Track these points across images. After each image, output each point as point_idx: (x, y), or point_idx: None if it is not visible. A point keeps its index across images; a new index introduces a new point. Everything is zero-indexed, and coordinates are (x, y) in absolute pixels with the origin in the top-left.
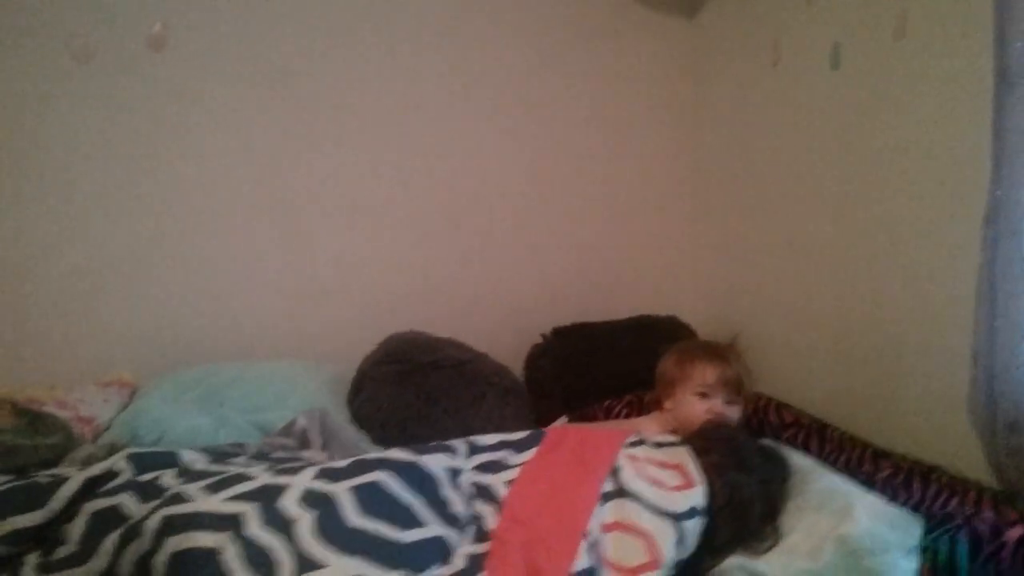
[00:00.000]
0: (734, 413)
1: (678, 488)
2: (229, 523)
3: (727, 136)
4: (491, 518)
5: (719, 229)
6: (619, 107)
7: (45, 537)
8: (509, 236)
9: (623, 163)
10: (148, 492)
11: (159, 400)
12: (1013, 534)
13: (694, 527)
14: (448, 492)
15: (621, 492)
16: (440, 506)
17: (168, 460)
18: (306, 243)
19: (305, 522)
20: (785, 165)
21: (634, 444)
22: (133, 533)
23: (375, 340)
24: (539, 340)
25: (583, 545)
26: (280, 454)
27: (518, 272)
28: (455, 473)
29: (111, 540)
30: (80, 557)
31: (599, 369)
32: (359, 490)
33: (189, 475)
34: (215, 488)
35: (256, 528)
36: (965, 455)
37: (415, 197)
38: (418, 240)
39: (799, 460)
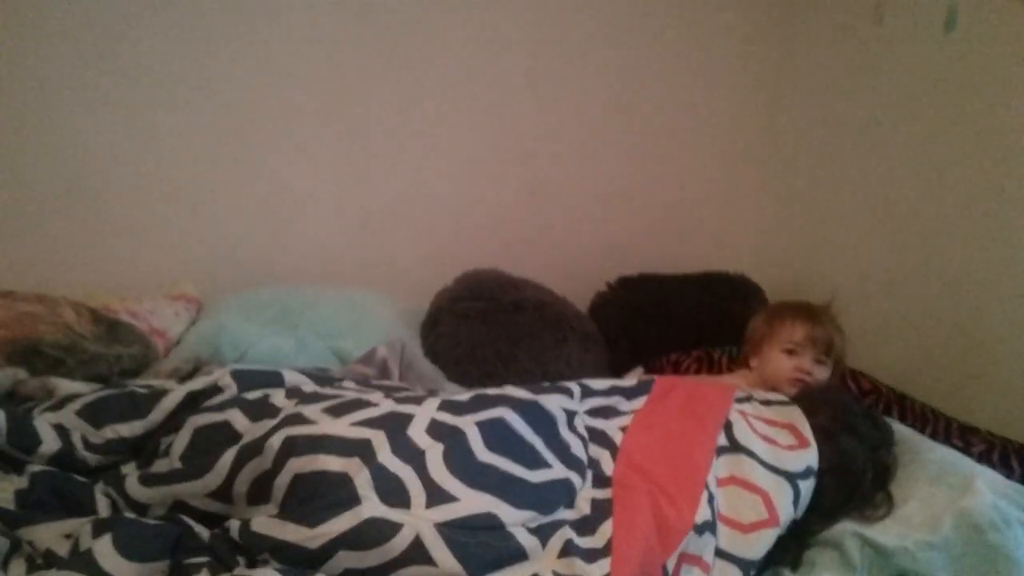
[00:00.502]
0: (822, 373)
1: (791, 447)
2: (358, 448)
3: (814, 94)
4: (607, 463)
5: (796, 189)
6: (699, 56)
7: (142, 448)
8: (578, 182)
9: (700, 113)
10: (260, 410)
11: (238, 318)
12: None
13: (808, 488)
14: (566, 434)
15: (735, 447)
16: (561, 448)
17: (273, 379)
18: (377, 172)
19: (435, 453)
20: (880, 130)
21: (742, 400)
22: (253, 451)
23: (440, 276)
24: (603, 288)
25: (704, 496)
26: (380, 383)
27: (585, 218)
28: (571, 415)
29: (228, 456)
30: (193, 472)
31: (665, 322)
32: (485, 425)
33: (302, 396)
34: (338, 412)
35: (386, 456)
36: None
37: (487, 134)
38: (488, 179)
39: (902, 429)
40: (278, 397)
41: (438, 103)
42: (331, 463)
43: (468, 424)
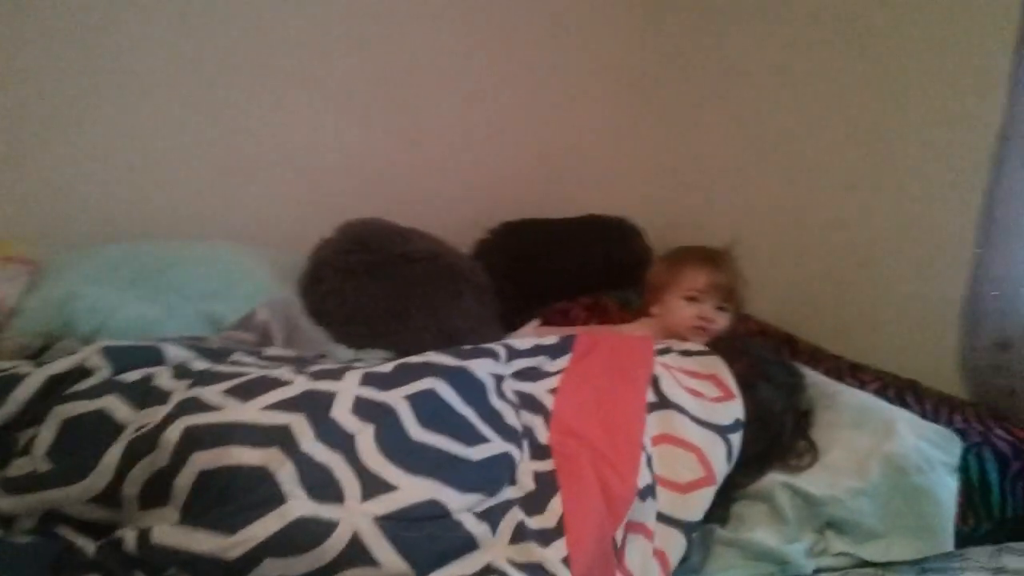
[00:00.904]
0: (723, 320)
1: (718, 400)
2: (277, 436)
3: (693, 34)
4: (541, 430)
5: (676, 131)
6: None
7: None
8: (455, 125)
9: (578, 56)
10: (144, 395)
11: (88, 282)
12: None
13: (738, 441)
14: (496, 401)
15: (664, 403)
16: (494, 418)
17: (152, 356)
18: (240, 117)
19: (366, 436)
20: (761, 71)
21: (663, 352)
22: (144, 445)
23: (315, 228)
24: (485, 235)
25: (642, 459)
26: (282, 354)
27: (464, 162)
28: (499, 380)
29: (113, 453)
30: (70, 474)
31: (550, 268)
32: (416, 400)
33: (195, 376)
34: (244, 393)
35: (310, 443)
36: (935, 372)
37: (360, 75)
38: (361, 121)
39: (812, 374)
40: (163, 378)
41: (306, 39)
42: (245, 456)
43: (397, 399)
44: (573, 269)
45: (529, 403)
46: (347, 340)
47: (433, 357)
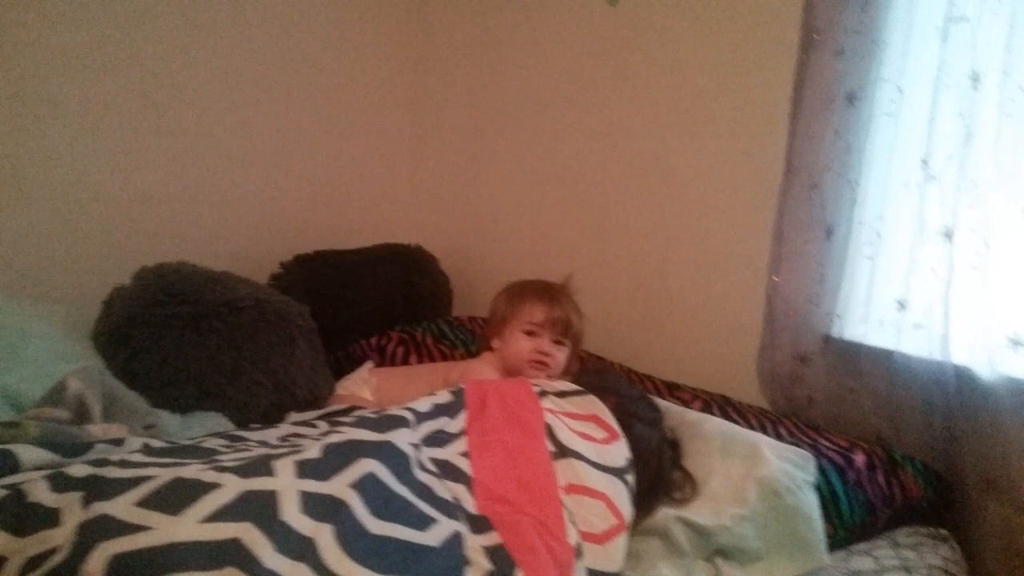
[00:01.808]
0: (560, 354)
1: (606, 441)
2: (228, 554)
3: (468, 64)
4: (468, 500)
5: (460, 161)
6: (351, 32)
7: None
8: (231, 154)
9: (355, 86)
10: (20, 518)
11: None
12: (859, 459)
13: (632, 481)
14: (420, 474)
15: (563, 451)
16: (426, 493)
17: (3, 462)
18: None
19: (326, 538)
20: (542, 101)
21: (541, 395)
22: None
23: (92, 276)
24: (277, 271)
25: (565, 515)
26: (137, 442)
27: (244, 194)
28: (416, 448)
29: None
30: None
31: (352, 302)
32: (361, 487)
33: (81, 485)
34: (167, 504)
35: (270, 556)
36: (739, 386)
37: (125, 100)
38: (128, 149)
39: (667, 405)
40: (38, 491)
41: (70, 67)
42: None
43: (344, 490)
44: (375, 301)
45: (448, 471)
46: (170, 404)
47: (352, 432)
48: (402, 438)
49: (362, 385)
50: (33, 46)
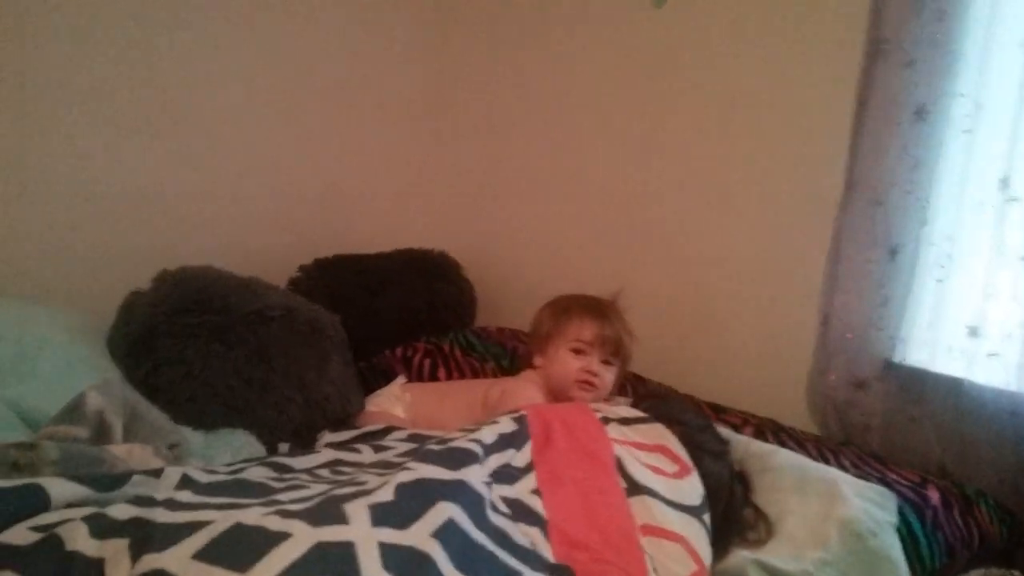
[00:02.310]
0: (609, 375)
1: (677, 475)
2: None
3: (485, 62)
4: (542, 544)
5: (478, 167)
6: (369, 37)
7: None
8: (245, 156)
9: (374, 88)
10: (60, 571)
11: None
12: (934, 496)
13: (709, 521)
14: (495, 517)
15: (635, 487)
16: (504, 540)
17: (32, 499)
18: None
19: None
20: (567, 101)
21: (605, 422)
22: None
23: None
24: (296, 275)
25: (647, 562)
26: (176, 472)
27: (258, 195)
28: (488, 487)
29: None
30: None
31: (375, 310)
32: (443, 538)
33: (127, 531)
34: (230, 557)
35: None
36: (786, 409)
37: (141, 98)
38: (140, 150)
39: (731, 434)
40: (78, 537)
41: (82, 63)
42: None
43: (426, 541)
44: (398, 309)
45: (520, 512)
46: (194, 420)
47: (422, 469)
48: (475, 476)
49: (394, 402)
50: (40, 41)
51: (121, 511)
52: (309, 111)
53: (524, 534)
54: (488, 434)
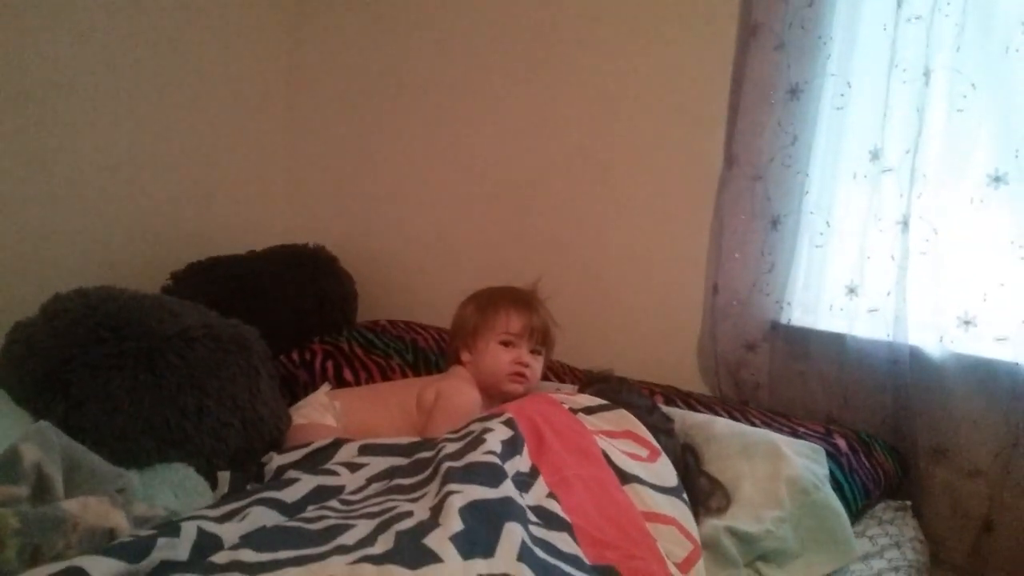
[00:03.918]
0: (538, 364)
1: (650, 459)
2: None
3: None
4: (577, 550)
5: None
6: (215, 23)
7: None
8: (98, 157)
9: (223, 82)
10: None
11: None
12: (842, 444)
13: (687, 499)
14: (535, 529)
15: (624, 476)
16: (555, 551)
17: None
18: None
19: None
20: (439, 80)
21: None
22: None
23: None
24: (167, 283)
25: (661, 551)
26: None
27: (117, 200)
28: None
29: None
30: None
31: (261, 313)
32: (524, 559)
33: None
34: None
35: None
36: (679, 375)
37: None
38: None
39: (670, 409)
40: None
41: None
42: None
43: (515, 566)
44: (286, 311)
45: (546, 518)
46: (125, 459)
47: (471, 491)
48: (513, 490)
49: (323, 412)
50: None
51: None
52: (163, 106)
53: (563, 542)
54: (494, 443)
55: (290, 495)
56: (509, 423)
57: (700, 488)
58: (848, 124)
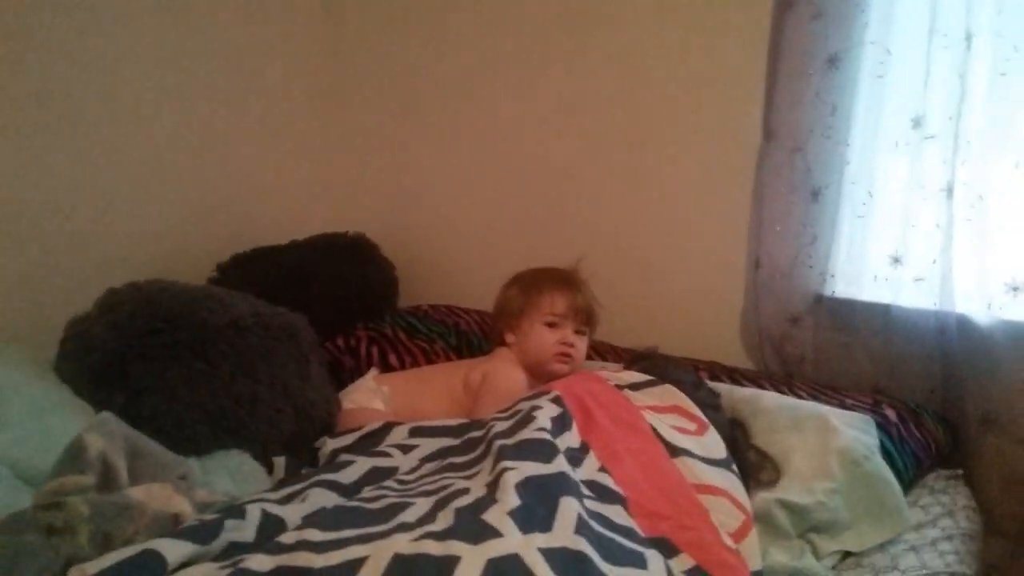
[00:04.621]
0: (583, 344)
1: (698, 432)
2: None
3: (387, 35)
4: (631, 522)
5: (379, 137)
6: (256, 18)
7: None
8: (145, 161)
9: (263, 74)
10: None
11: None
12: (891, 414)
13: (737, 471)
14: (589, 503)
15: (674, 450)
16: (610, 524)
17: (152, 570)
18: None
19: None
20: (476, 63)
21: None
22: None
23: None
24: (213, 274)
25: (715, 521)
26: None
27: (164, 193)
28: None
29: None
30: None
31: (304, 302)
32: (583, 532)
33: None
34: None
35: None
36: (722, 350)
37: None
38: (32, 160)
39: (715, 384)
40: None
41: None
42: None
43: (575, 540)
44: (330, 298)
45: (599, 492)
46: (184, 447)
47: (526, 467)
48: (566, 465)
49: (371, 396)
50: None
51: (259, 562)
52: (204, 101)
53: (617, 514)
54: (544, 419)
55: (346, 476)
56: (557, 400)
57: (749, 461)
58: (888, 92)
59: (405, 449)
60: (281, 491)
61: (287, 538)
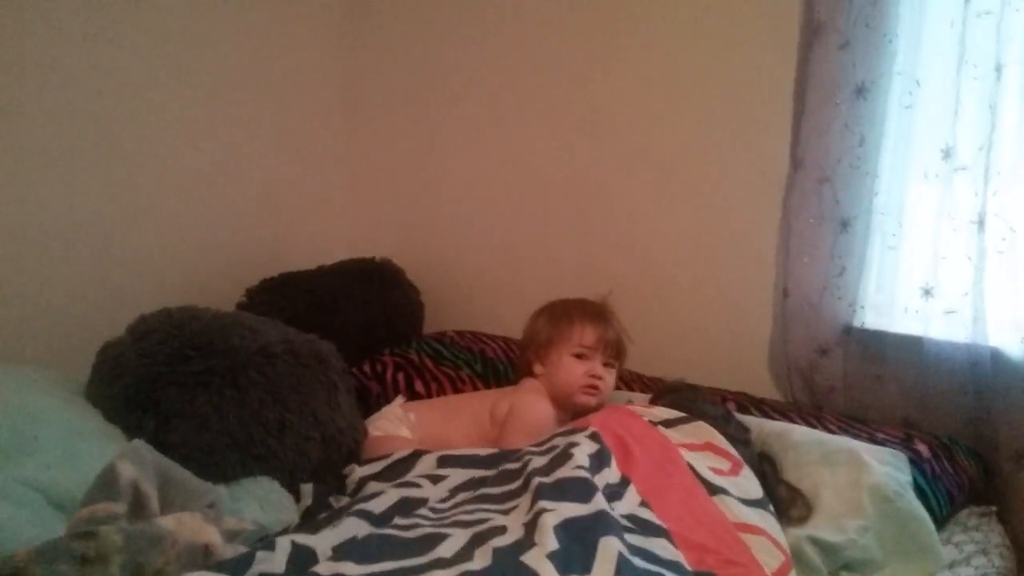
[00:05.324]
0: (611, 377)
1: (733, 472)
2: None
3: (407, 56)
4: (677, 555)
5: (404, 162)
6: (274, 44)
7: None
8: (172, 176)
9: (284, 101)
10: None
11: None
12: (924, 449)
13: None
14: (631, 537)
15: (711, 488)
16: (653, 558)
17: None
18: None
19: None
20: (502, 87)
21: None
22: None
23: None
24: (242, 300)
25: (760, 559)
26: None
27: (191, 218)
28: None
29: None
30: None
31: (330, 328)
32: (623, 573)
33: None
34: None
35: None
36: (750, 381)
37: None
38: (58, 184)
39: (745, 418)
40: None
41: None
42: None
43: None
44: (356, 324)
45: (641, 526)
46: (213, 474)
47: (565, 507)
48: (604, 503)
49: (398, 424)
50: None
51: None
52: (232, 128)
53: (662, 548)
54: (582, 458)
55: (376, 506)
56: (594, 437)
57: (780, 497)
58: (917, 123)
59: (434, 480)
60: (311, 522)
61: (323, 569)
